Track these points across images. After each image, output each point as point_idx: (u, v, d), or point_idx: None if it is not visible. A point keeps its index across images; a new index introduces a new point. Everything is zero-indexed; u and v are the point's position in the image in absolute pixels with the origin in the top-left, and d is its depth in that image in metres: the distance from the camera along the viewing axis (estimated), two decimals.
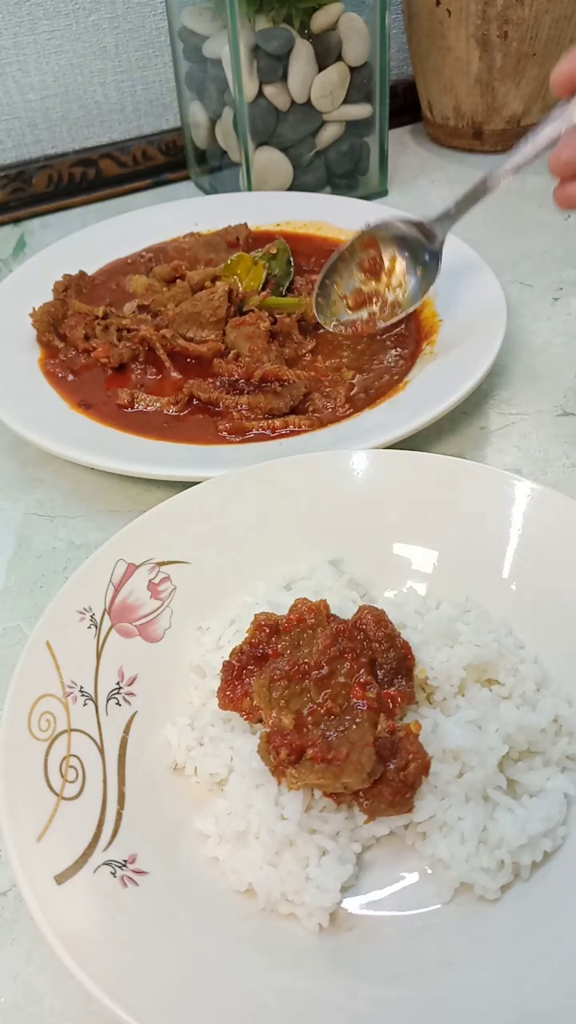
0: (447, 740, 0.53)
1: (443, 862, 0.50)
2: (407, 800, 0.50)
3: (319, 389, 0.85)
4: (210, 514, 0.67)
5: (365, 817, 0.51)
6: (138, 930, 0.47)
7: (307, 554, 0.66)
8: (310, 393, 0.84)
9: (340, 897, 0.49)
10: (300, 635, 0.55)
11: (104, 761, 0.54)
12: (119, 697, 0.58)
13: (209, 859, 0.51)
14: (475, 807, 0.51)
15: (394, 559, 0.66)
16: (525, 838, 0.50)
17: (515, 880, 0.50)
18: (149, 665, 0.60)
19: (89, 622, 0.60)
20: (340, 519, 0.67)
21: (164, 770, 0.56)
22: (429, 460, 0.69)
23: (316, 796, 0.52)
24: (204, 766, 0.54)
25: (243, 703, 0.55)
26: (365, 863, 0.52)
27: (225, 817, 0.52)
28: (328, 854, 0.50)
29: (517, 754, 0.54)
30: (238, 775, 0.53)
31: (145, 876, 0.49)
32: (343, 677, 0.53)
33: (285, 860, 0.50)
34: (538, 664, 0.58)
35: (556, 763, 0.54)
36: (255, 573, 0.65)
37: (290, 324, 0.90)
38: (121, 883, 0.49)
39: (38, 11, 1.20)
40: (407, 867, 0.52)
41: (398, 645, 0.55)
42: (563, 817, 0.52)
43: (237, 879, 0.50)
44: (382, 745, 0.50)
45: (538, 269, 1.08)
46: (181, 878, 0.50)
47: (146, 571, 0.64)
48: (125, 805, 0.52)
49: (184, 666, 0.60)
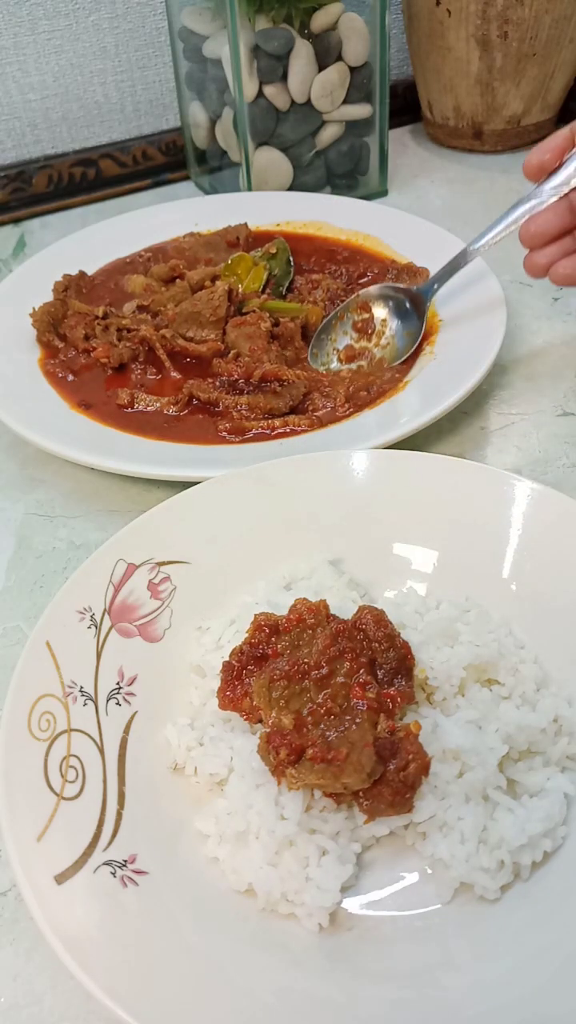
0: (447, 740, 0.53)
1: (443, 862, 0.50)
2: (407, 800, 0.50)
3: (318, 389, 0.85)
4: (210, 514, 0.67)
5: (365, 817, 0.51)
6: (138, 930, 0.47)
7: (307, 554, 0.66)
8: (309, 393, 0.84)
9: (340, 897, 0.49)
10: (300, 635, 0.55)
11: (104, 761, 0.54)
12: (119, 697, 0.58)
13: (209, 859, 0.51)
14: (475, 807, 0.51)
15: (394, 559, 0.66)
16: (525, 838, 0.50)
17: (515, 880, 0.50)
18: (149, 665, 0.60)
19: (89, 622, 0.60)
20: (340, 519, 0.67)
21: (164, 770, 0.56)
22: (429, 460, 0.69)
23: (316, 796, 0.52)
24: (204, 766, 0.54)
25: (243, 703, 0.55)
26: (365, 863, 0.52)
27: (225, 817, 0.52)
28: (328, 854, 0.50)
29: (517, 754, 0.54)
30: (238, 775, 0.53)
31: (145, 876, 0.49)
32: (343, 677, 0.53)
33: (285, 860, 0.50)
34: (538, 664, 0.58)
35: (556, 763, 0.54)
36: (255, 573, 0.65)
37: (293, 329, 0.89)
38: (121, 883, 0.49)
39: (38, 11, 1.20)
40: (407, 867, 0.52)
41: (398, 645, 0.55)
42: (563, 817, 0.52)
43: (237, 879, 0.50)
44: (382, 745, 0.50)
45: None
46: (181, 878, 0.50)
47: (146, 571, 0.64)
48: (125, 805, 0.52)
49: (184, 666, 0.60)
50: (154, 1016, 0.43)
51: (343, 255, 1.06)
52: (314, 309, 0.92)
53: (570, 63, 1.28)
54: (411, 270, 0.99)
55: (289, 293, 0.99)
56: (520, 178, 0.82)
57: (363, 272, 1.01)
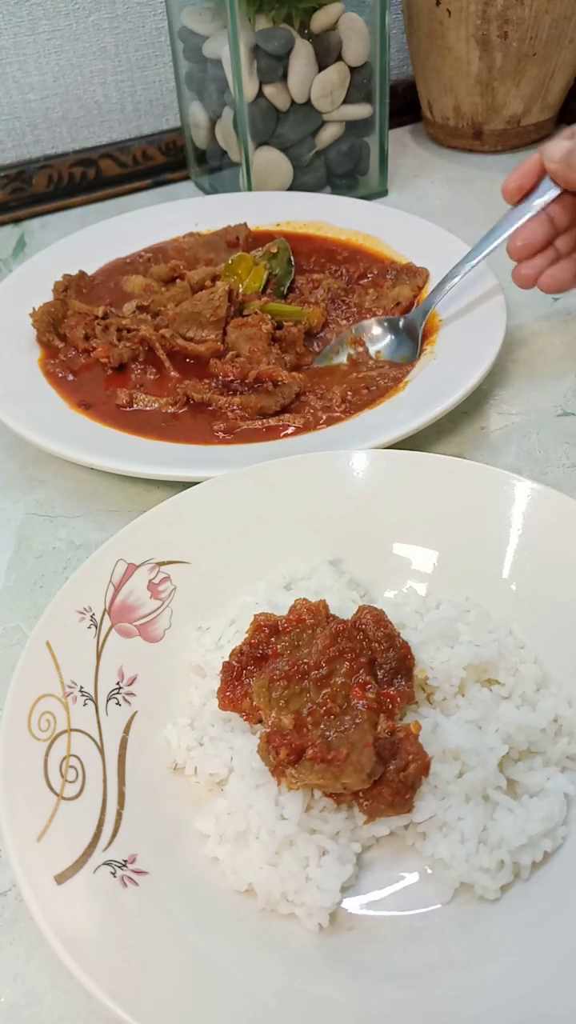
0: (447, 740, 0.53)
1: (443, 862, 0.50)
2: (407, 801, 0.50)
3: (313, 390, 0.85)
4: (210, 514, 0.67)
5: (365, 817, 0.51)
6: (138, 930, 0.47)
7: (307, 554, 0.66)
8: (304, 393, 0.84)
9: (340, 897, 0.49)
10: (299, 635, 0.55)
11: (104, 761, 0.54)
12: (119, 697, 0.58)
13: (209, 859, 0.51)
14: (475, 807, 0.51)
15: (394, 559, 0.66)
16: (525, 838, 0.50)
17: (515, 880, 0.50)
18: (149, 665, 0.60)
19: (89, 622, 0.60)
20: (340, 519, 0.67)
21: (164, 770, 0.56)
22: (429, 460, 0.69)
23: (316, 796, 0.52)
24: (204, 766, 0.54)
25: (243, 704, 0.55)
26: (365, 863, 0.52)
27: (225, 817, 0.52)
28: (328, 854, 0.50)
29: (517, 754, 0.54)
30: (238, 775, 0.53)
31: (145, 876, 0.49)
32: (342, 677, 0.53)
33: (285, 860, 0.50)
34: (538, 664, 0.58)
35: (556, 763, 0.54)
36: (255, 573, 0.65)
37: (296, 334, 0.89)
38: (121, 883, 0.49)
39: (38, 11, 1.20)
40: (407, 867, 0.52)
41: (398, 645, 0.55)
42: (563, 817, 0.52)
43: (237, 879, 0.50)
44: (382, 746, 0.50)
45: None
46: (181, 878, 0.50)
47: (146, 571, 0.64)
48: (125, 805, 0.52)
49: (184, 666, 0.60)
50: (154, 1016, 0.43)
51: (343, 255, 1.06)
52: (315, 313, 0.92)
53: (570, 63, 1.28)
54: (410, 270, 1.00)
55: (290, 293, 0.99)
56: None
57: (363, 272, 1.01)
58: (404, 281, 0.98)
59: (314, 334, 0.93)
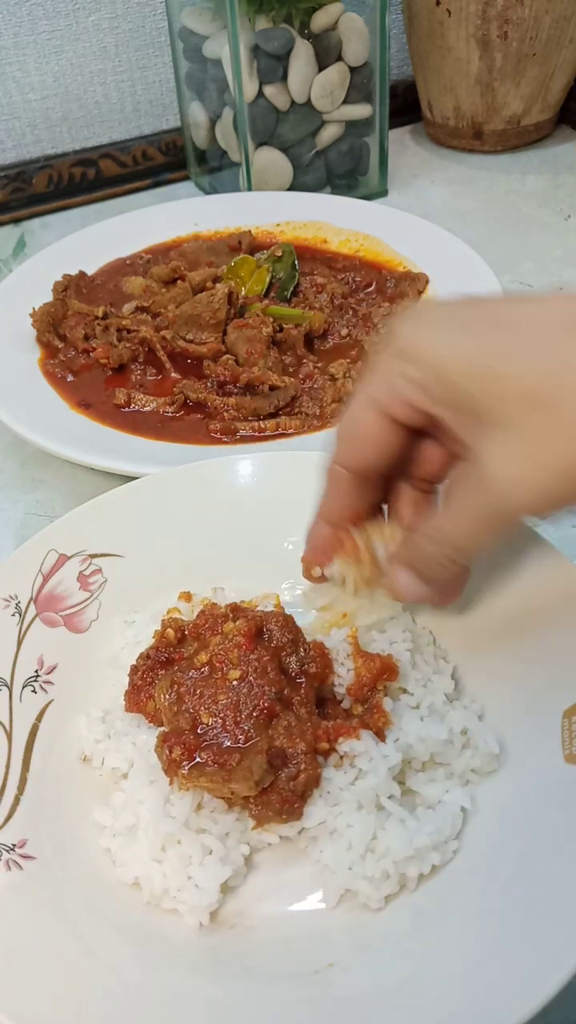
0: (341, 745, 0.52)
1: (329, 868, 0.50)
2: (295, 809, 0.50)
3: (308, 393, 0.85)
4: (147, 510, 0.66)
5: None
6: (12, 915, 0.47)
7: (239, 554, 0.65)
8: (299, 396, 0.84)
9: (218, 897, 0.49)
10: (205, 639, 0.55)
11: (11, 747, 0.54)
12: (36, 685, 0.58)
13: (103, 850, 0.52)
14: (366, 815, 0.50)
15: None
16: (411, 850, 0.49)
17: (402, 891, 0.49)
18: (71, 655, 0.60)
19: (14, 610, 0.60)
20: (274, 520, 0.66)
21: (74, 760, 0.56)
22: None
23: (208, 796, 0.52)
24: (108, 759, 0.55)
25: (147, 706, 0.55)
26: (256, 863, 0.52)
27: (120, 810, 0.52)
28: (212, 854, 0.50)
29: (421, 764, 0.54)
30: (136, 770, 0.53)
31: (32, 861, 0.49)
32: (244, 683, 0.52)
33: (169, 857, 0.50)
34: (455, 676, 0.57)
35: (460, 776, 0.53)
36: (187, 571, 0.64)
37: (296, 337, 0.89)
38: (4, 866, 0.49)
39: (38, 11, 1.20)
40: (297, 870, 0.51)
41: (306, 649, 0.55)
42: (455, 831, 0.50)
43: (124, 872, 0.50)
44: (275, 754, 0.50)
45: (538, 269, 1.07)
46: (72, 867, 0.50)
47: (77, 562, 0.63)
48: (24, 791, 0.53)
49: (106, 658, 0.60)
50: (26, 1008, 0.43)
51: (341, 264, 1.05)
52: (317, 316, 0.92)
53: (570, 63, 1.28)
54: (410, 277, 0.99)
55: (294, 297, 0.98)
56: (520, 178, 0.82)
57: (368, 281, 1.01)
58: (405, 289, 0.97)
59: (315, 338, 0.92)
